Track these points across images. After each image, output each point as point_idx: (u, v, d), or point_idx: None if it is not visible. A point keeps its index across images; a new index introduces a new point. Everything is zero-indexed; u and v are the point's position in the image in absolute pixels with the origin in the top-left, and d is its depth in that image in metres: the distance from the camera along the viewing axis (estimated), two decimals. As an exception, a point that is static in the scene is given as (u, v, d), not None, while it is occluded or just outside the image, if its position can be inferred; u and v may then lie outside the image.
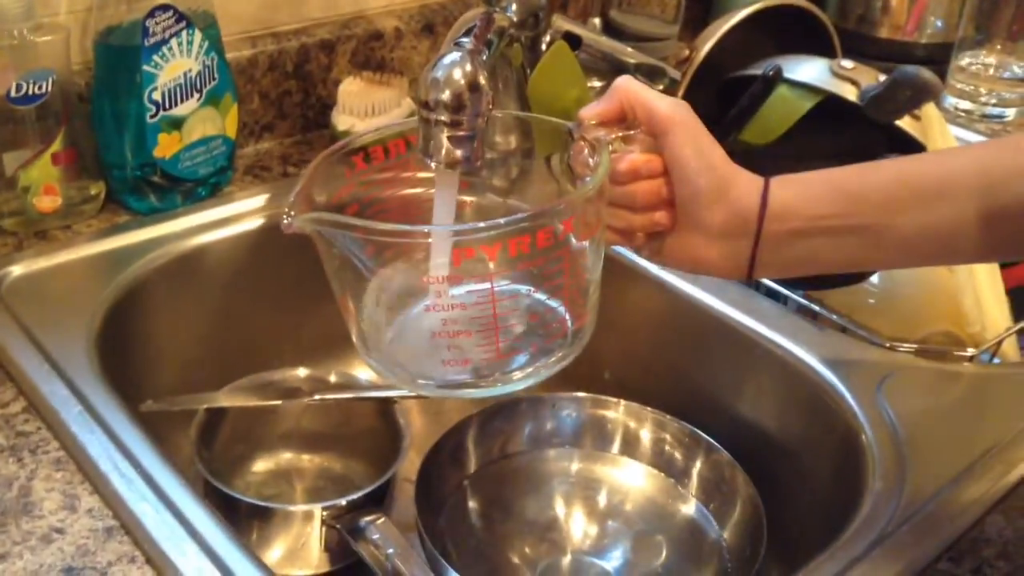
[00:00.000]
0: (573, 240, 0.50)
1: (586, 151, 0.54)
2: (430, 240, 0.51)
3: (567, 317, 0.53)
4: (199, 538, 0.52)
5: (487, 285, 0.48)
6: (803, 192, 0.54)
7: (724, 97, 0.95)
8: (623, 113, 0.54)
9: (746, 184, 0.54)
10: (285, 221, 0.48)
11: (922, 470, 0.61)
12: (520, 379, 0.52)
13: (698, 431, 0.72)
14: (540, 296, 0.51)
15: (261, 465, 0.78)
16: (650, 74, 0.92)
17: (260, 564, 0.51)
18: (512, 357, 0.51)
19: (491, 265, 0.47)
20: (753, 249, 0.54)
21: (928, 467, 0.61)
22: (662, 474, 0.74)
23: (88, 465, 0.56)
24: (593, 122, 0.55)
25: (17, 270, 0.72)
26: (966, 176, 0.52)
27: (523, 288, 0.51)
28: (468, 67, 0.54)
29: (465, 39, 0.61)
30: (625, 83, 0.54)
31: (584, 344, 0.54)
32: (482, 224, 0.48)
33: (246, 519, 0.67)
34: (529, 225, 0.47)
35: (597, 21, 1.10)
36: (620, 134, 0.54)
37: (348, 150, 0.54)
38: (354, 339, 0.54)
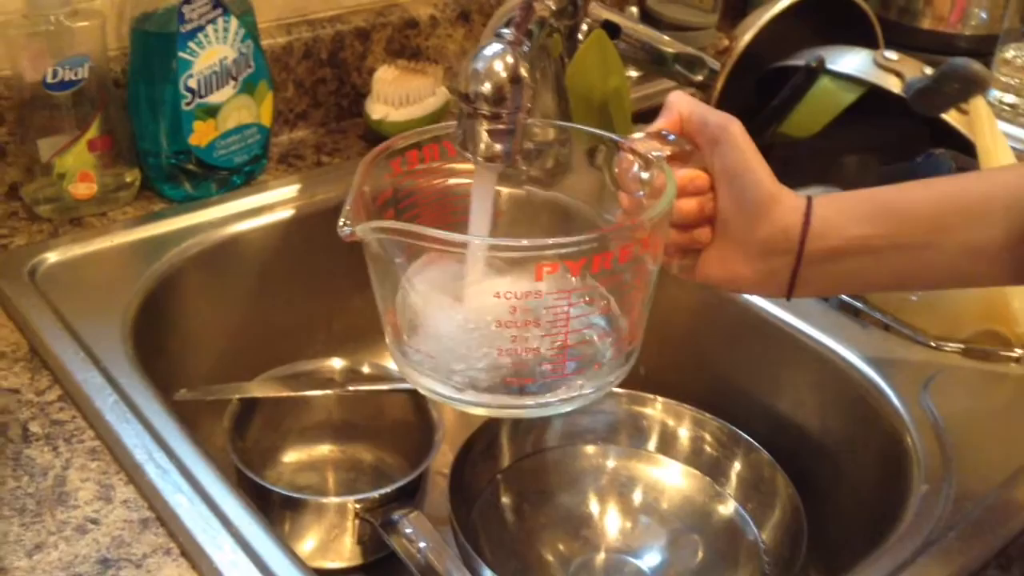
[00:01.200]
0: (645, 256, 0.49)
1: (636, 166, 0.53)
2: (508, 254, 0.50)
3: (630, 334, 0.51)
4: (234, 530, 0.51)
5: (564, 303, 0.46)
6: (845, 211, 0.53)
7: (764, 88, 0.94)
8: (681, 126, 0.54)
9: (790, 202, 0.53)
10: (345, 230, 0.47)
11: (969, 473, 0.59)
12: (577, 400, 0.50)
13: (737, 430, 0.71)
14: (611, 314, 0.50)
15: (293, 456, 0.77)
16: (689, 64, 0.90)
17: (294, 557, 0.51)
18: (575, 376, 0.49)
19: (574, 280, 0.46)
20: (794, 267, 0.53)
21: (976, 470, 0.60)
22: (699, 473, 0.73)
23: (123, 455, 0.55)
24: (640, 135, 0.54)
25: (52, 257, 0.72)
26: (1011, 195, 0.52)
27: (597, 306, 0.50)
28: (509, 59, 0.53)
29: (506, 30, 0.60)
30: (679, 96, 0.55)
31: (634, 362, 0.53)
32: (571, 238, 0.46)
33: (279, 510, 0.67)
34: (614, 240, 0.46)
35: (634, 9, 1.09)
36: (670, 150, 0.53)
37: (388, 153, 0.53)
38: (397, 355, 0.52)
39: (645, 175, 0.52)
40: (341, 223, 0.47)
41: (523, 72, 0.53)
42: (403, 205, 0.55)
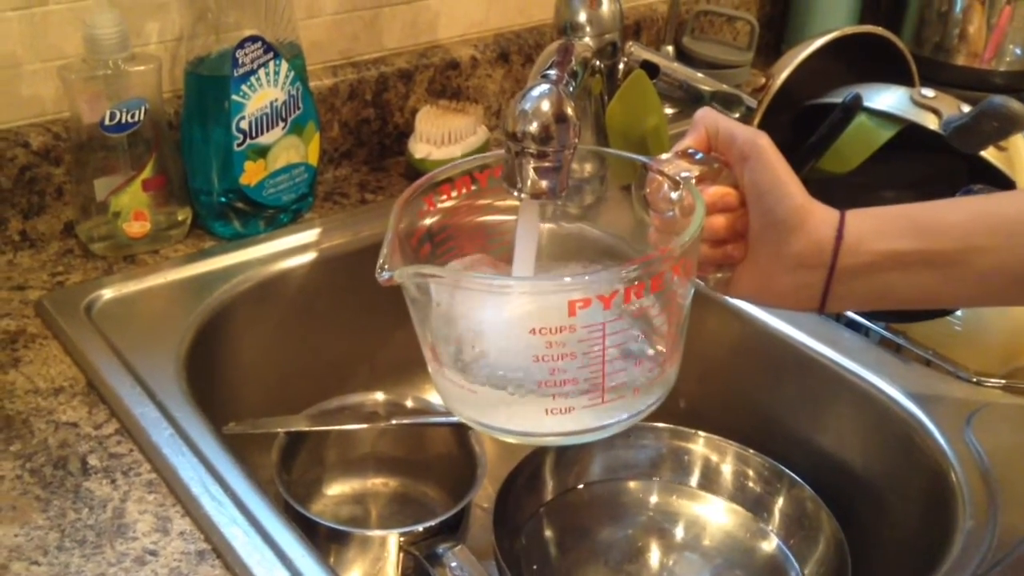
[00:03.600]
0: (676, 281, 0.50)
1: (666, 186, 0.54)
2: (529, 292, 0.51)
3: (666, 358, 0.52)
4: (288, 562, 0.52)
5: (598, 335, 0.47)
6: (878, 226, 0.54)
7: (801, 125, 0.94)
8: (709, 143, 0.55)
9: (822, 215, 0.54)
10: (383, 276, 0.48)
11: (1015, 509, 0.59)
12: (616, 427, 0.51)
13: (780, 465, 0.71)
14: (646, 341, 0.51)
15: (337, 488, 0.79)
16: (726, 102, 0.92)
17: (347, 590, 0.52)
18: (615, 403, 0.50)
19: (606, 313, 0.47)
20: (827, 281, 0.54)
21: (1021, 507, 0.60)
22: (742, 508, 0.73)
23: (179, 487, 0.57)
24: (667, 156, 0.55)
25: (108, 293, 0.74)
26: None
27: (632, 334, 0.50)
28: (555, 99, 0.54)
29: (552, 71, 0.62)
30: (705, 113, 0.56)
31: (672, 384, 0.53)
32: (601, 272, 0.48)
33: (324, 542, 0.68)
34: (644, 272, 0.47)
35: (670, 48, 1.10)
36: (698, 170, 0.53)
37: (422, 191, 0.55)
38: (441, 388, 0.53)
39: (675, 195, 0.53)
40: (379, 268, 0.48)
41: (569, 111, 0.55)
42: (439, 238, 0.56)
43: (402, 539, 0.67)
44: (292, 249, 0.81)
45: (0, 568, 0.52)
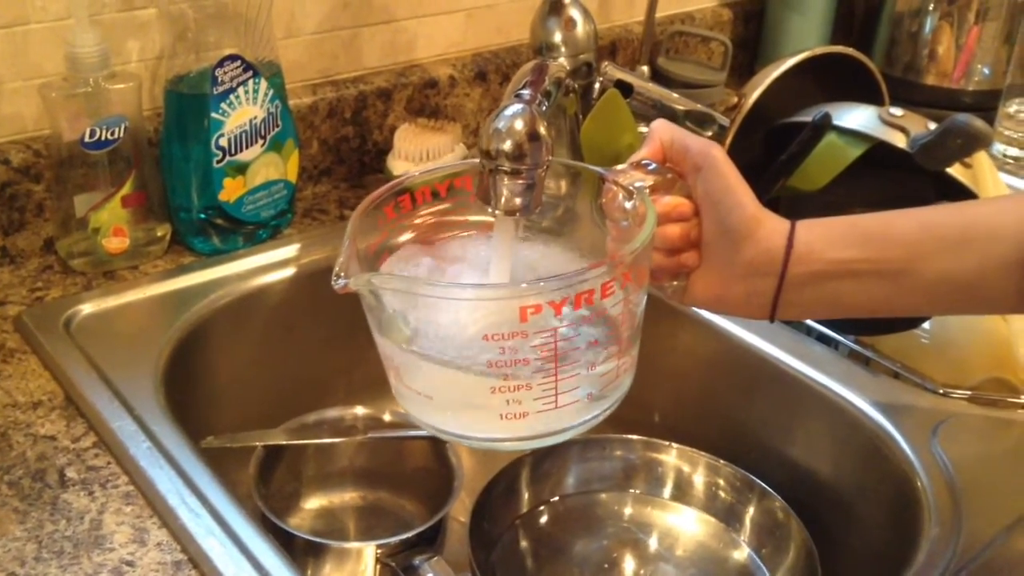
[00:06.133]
0: (628, 288, 0.51)
1: (620, 196, 0.55)
2: (493, 299, 0.52)
3: (619, 364, 0.53)
4: (265, 573, 0.53)
5: (550, 341, 0.48)
6: (828, 235, 0.55)
7: (772, 144, 0.96)
8: (663, 154, 0.56)
9: (773, 224, 0.55)
10: (338, 283, 0.49)
11: (978, 518, 0.61)
12: (571, 432, 0.52)
13: (751, 476, 0.72)
14: (599, 346, 0.52)
15: (315, 502, 0.79)
16: (700, 120, 0.93)
17: (323, 600, 0.52)
18: (568, 408, 0.51)
19: (557, 319, 0.48)
20: (777, 289, 0.55)
21: (984, 515, 0.61)
22: (714, 519, 0.74)
23: (157, 499, 0.57)
24: (622, 167, 0.56)
25: (86, 309, 0.75)
26: (989, 224, 0.54)
27: (583, 340, 0.51)
28: (528, 118, 0.56)
29: (525, 91, 0.63)
30: (660, 124, 0.57)
31: (626, 391, 0.54)
32: (551, 279, 0.49)
33: (302, 555, 0.69)
34: (594, 278, 0.48)
35: (645, 69, 1.12)
36: (652, 180, 0.55)
37: (379, 201, 0.55)
38: (399, 395, 0.54)
39: (628, 205, 0.54)
40: (335, 275, 0.49)
41: (541, 130, 0.56)
42: (398, 246, 0.57)
43: (379, 551, 0.68)
44: (271, 265, 0.82)
45: (-23, 579, 0.52)
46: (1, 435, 0.62)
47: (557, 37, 0.86)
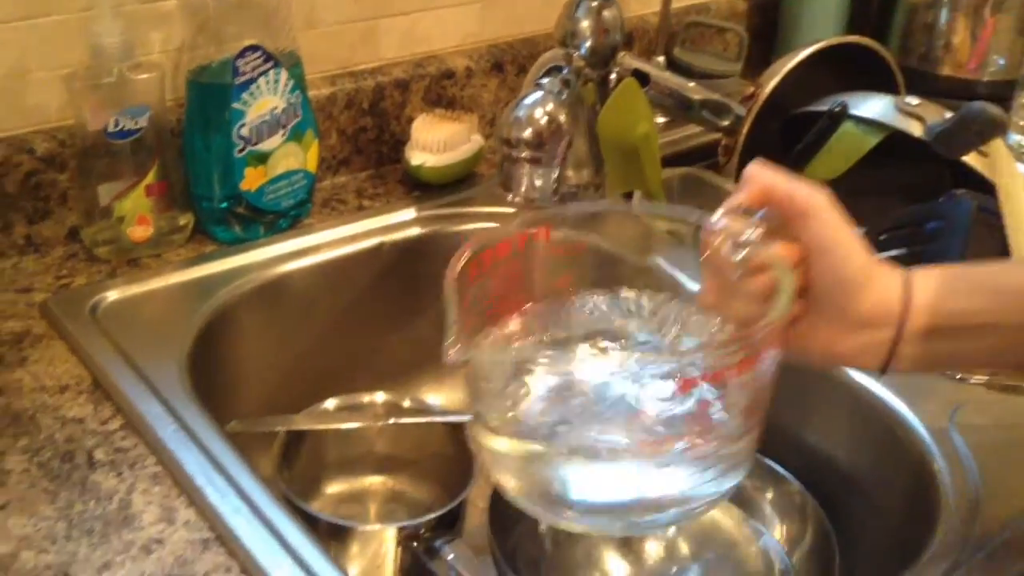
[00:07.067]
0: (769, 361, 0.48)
1: (728, 247, 0.52)
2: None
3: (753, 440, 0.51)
4: (291, 550, 0.54)
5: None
6: (947, 285, 0.52)
7: (788, 133, 0.97)
8: (762, 199, 0.52)
9: (890, 274, 0.52)
10: (452, 358, 0.44)
11: (995, 502, 0.61)
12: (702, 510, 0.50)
13: (768, 460, 0.73)
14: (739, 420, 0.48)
15: (336, 487, 0.80)
16: (716, 110, 0.94)
17: (348, 577, 0.53)
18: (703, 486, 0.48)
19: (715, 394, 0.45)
20: (894, 342, 0.52)
21: (1000, 499, 0.61)
22: (732, 503, 0.74)
23: (184, 479, 0.58)
24: (720, 213, 0.52)
25: (112, 295, 0.76)
26: None
27: (728, 415, 0.48)
28: (549, 107, 0.57)
29: (545, 79, 0.64)
30: (757, 168, 0.53)
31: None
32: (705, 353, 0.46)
33: (324, 538, 0.69)
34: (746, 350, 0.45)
35: (661, 59, 1.12)
36: (761, 229, 0.51)
37: (466, 263, 0.50)
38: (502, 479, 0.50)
39: (739, 257, 0.51)
40: (448, 353, 0.44)
41: (561, 118, 0.57)
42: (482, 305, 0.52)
43: (400, 534, 0.69)
44: (291, 253, 0.83)
45: (10, 556, 0.53)
46: (30, 418, 0.63)
47: (584, 25, 0.85)
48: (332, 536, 0.70)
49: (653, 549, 0.74)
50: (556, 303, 0.54)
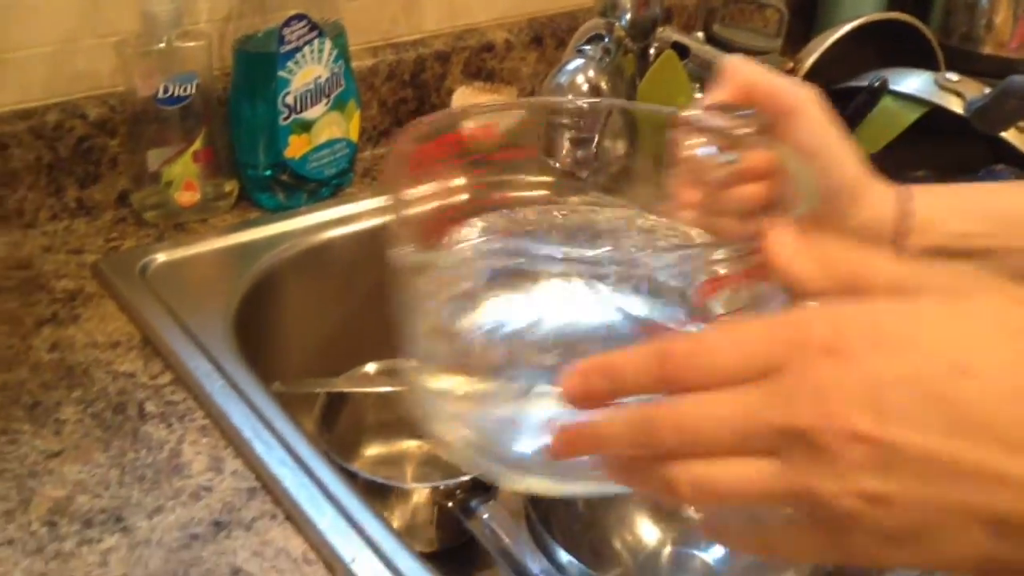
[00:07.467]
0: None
1: (713, 145, 0.46)
2: None
3: None
4: (334, 499, 0.56)
5: None
6: (952, 205, 0.47)
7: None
8: (744, 95, 0.47)
9: (882, 187, 0.46)
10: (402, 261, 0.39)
11: None
12: None
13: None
14: None
15: (374, 449, 0.82)
16: (754, 85, 0.94)
17: (389, 527, 0.55)
18: None
19: None
20: None
21: None
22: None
23: (231, 432, 0.60)
24: (696, 111, 0.47)
25: (161, 257, 0.78)
26: None
27: None
28: (590, 73, 0.57)
29: (587, 47, 0.65)
30: (737, 61, 0.47)
31: None
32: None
33: (363, 497, 0.71)
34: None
35: (700, 35, 1.12)
36: (752, 127, 0.46)
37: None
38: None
39: (725, 158, 0.45)
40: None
41: (602, 85, 0.58)
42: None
43: (437, 493, 0.70)
44: (334, 220, 0.85)
45: (66, 499, 0.55)
46: (83, 371, 0.66)
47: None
48: (370, 494, 0.71)
49: (685, 514, 0.75)
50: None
